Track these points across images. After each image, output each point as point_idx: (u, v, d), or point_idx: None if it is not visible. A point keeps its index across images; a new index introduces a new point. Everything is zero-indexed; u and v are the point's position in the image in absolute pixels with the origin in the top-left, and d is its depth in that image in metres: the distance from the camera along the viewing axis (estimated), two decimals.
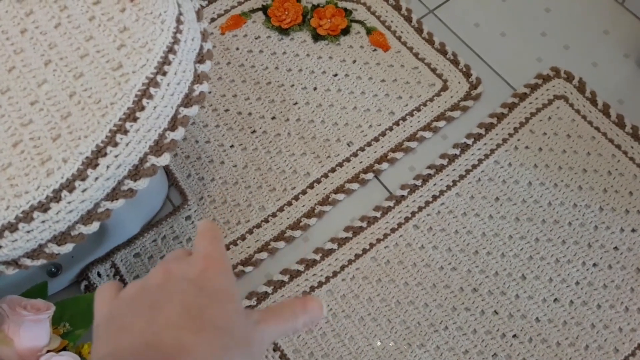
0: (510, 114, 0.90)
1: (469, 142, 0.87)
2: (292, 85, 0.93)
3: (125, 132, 0.48)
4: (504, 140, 0.88)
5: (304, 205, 0.85)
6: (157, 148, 0.50)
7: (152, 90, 0.49)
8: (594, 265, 0.80)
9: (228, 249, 0.82)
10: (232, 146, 0.89)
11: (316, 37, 0.97)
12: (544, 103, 0.91)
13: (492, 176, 0.85)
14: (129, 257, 0.81)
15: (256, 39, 0.97)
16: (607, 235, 0.81)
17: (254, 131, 0.90)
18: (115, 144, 0.47)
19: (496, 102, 0.91)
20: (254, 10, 1.00)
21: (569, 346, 0.75)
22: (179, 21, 0.53)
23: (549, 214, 0.83)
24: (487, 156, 0.86)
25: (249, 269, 0.80)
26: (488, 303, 0.77)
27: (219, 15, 1.00)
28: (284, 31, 0.97)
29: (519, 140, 0.88)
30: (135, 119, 0.48)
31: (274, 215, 0.84)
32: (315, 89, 0.93)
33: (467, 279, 0.79)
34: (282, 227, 0.83)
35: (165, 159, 0.50)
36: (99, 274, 0.80)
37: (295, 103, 0.92)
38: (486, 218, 0.82)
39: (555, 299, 0.78)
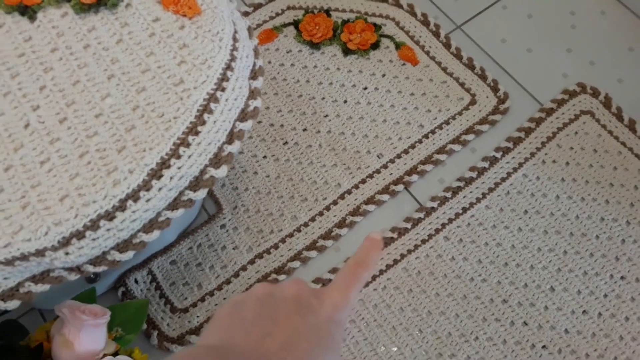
0: (538, 128, 0.92)
1: (498, 155, 0.89)
2: (323, 98, 0.96)
3: (188, 145, 0.50)
4: (532, 154, 0.90)
5: (335, 216, 0.87)
6: (216, 160, 0.52)
7: (212, 105, 0.51)
8: (622, 278, 0.81)
9: (261, 257, 0.84)
10: (264, 157, 0.91)
11: (346, 52, 0.99)
12: (570, 118, 0.93)
13: (520, 189, 0.87)
14: (165, 264, 0.83)
15: (288, 52, 1.00)
16: (635, 249, 0.83)
17: (285, 142, 0.92)
18: (179, 157, 0.49)
19: (523, 117, 0.93)
20: (285, 25, 1.02)
21: (597, 358, 0.77)
22: (235, 39, 0.55)
23: (577, 227, 0.84)
24: (515, 170, 0.88)
25: (282, 277, 0.82)
26: (518, 314, 0.79)
27: None
28: (314, 45, 1.00)
29: (546, 154, 0.90)
30: (197, 133, 0.50)
31: (305, 224, 0.86)
32: (345, 101, 0.95)
33: (497, 291, 0.80)
34: (314, 236, 0.85)
35: (223, 171, 0.52)
36: (136, 281, 0.82)
37: (326, 115, 0.94)
38: (515, 230, 0.84)
39: (584, 311, 0.79)
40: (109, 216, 0.48)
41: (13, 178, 0.49)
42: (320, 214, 0.87)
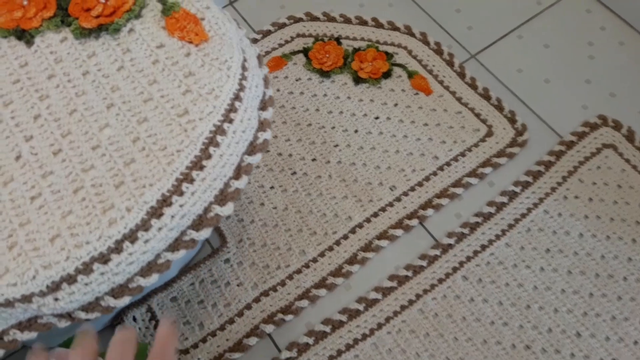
0: (558, 162, 0.87)
1: (517, 190, 0.85)
2: (333, 128, 0.92)
3: (192, 181, 0.46)
4: (553, 189, 0.85)
5: (345, 251, 0.82)
6: (222, 197, 0.48)
7: (218, 138, 0.47)
8: None
9: (267, 295, 0.79)
10: (272, 187, 0.87)
11: (357, 80, 0.96)
12: (592, 152, 0.88)
13: (542, 226, 0.82)
14: (165, 301, 0.78)
15: (297, 80, 0.97)
16: None
17: (294, 173, 0.88)
18: (181, 193, 0.45)
19: (542, 150, 0.89)
20: (295, 53, 0.99)
21: None
22: (244, 68, 0.52)
23: (603, 268, 0.79)
24: (536, 205, 0.84)
25: (289, 317, 0.77)
26: None
27: None
28: (324, 74, 0.97)
29: (568, 189, 0.85)
30: (201, 168, 0.46)
31: (314, 260, 0.81)
32: (356, 131, 0.92)
33: (520, 335, 0.75)
34: (323, 273, 0.81)
35: (229, 209, 0.48)
36: (134, 318, 0.77)
37: (336, 145, 0.90)
38: (537, 270, 0.79)
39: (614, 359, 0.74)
40: (104, 259, 0.43)
41: (0, 215, 0.45)
42: (330, 249, 0.82)
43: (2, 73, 0.52)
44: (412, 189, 0.86)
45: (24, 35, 0.53)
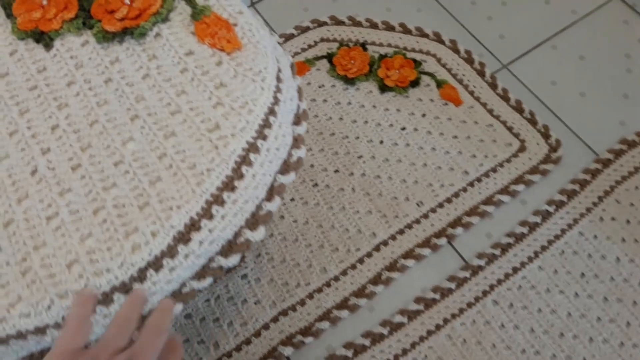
0: (594, 181, 0.83)
1: (551, 209, 0.81)
2: (357, 138, 0.88)
3: (222, 203, 0.42)
4: (588, 210, 0.81)
5: (369, 270, 0.78)
6: (253, 221, 0.44)
7: (252, 156, 0.43)
8: None
9: (286, 314, 0.75)
10: (292, 199, 0.83)
11: (383, 88, 0.92)
12: (629, 171, 0.84)
13: (576, 249, 0.78)
14: (180, 318, 0.74)
15: (320, 87, 0.93)
16: None
17: (315, 184, 0.84)
18: (211, 217, 0.41)
19: (577, 167, 0.85)
20: (318, 58, 0.95)
21: None
22: (278, 79, 0.48)
23: None
24: (570, 226, 0.80)
25: (308, 339, 0.73)
26: None
27: None
28: (349, 81, 0.93)
29: (604, 210, 0.81)
30: (233, 189, 0.42)
31: (336, 279, 0.78)
32: (381, 142, 0.88)
33: None
34: (346, 293, 0.77)
35: (260, 233, 0.44)
36: None
37: (360, 156, 0.86)
38: (572, 296, 0.75)
39: None
40: (125, 288, 0.40)
41: (14, 236, 0.41)
42: (353, 267, 0.78)
43: (19, 78, 0.48)
44: (441, 205, 0.82)
45: (43, 38, 0.49)
